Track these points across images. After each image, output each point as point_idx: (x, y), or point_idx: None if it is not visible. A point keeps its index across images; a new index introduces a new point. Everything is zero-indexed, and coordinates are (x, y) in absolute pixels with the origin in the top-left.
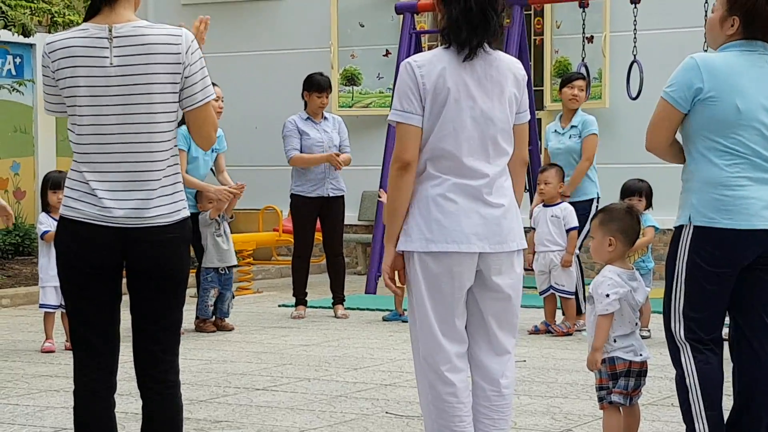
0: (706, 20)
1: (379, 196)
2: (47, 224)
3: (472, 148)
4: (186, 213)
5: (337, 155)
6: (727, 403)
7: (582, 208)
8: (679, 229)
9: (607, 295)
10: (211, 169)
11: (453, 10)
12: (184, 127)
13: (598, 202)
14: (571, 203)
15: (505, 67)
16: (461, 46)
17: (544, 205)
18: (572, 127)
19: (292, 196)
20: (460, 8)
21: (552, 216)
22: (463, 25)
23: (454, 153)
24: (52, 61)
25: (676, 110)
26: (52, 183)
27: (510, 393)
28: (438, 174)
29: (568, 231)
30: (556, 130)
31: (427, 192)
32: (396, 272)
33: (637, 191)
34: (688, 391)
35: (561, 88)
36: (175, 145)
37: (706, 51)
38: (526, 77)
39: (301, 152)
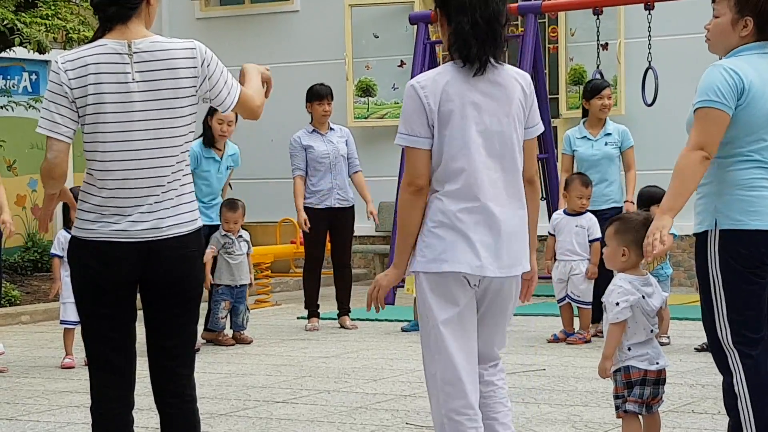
0: (709, 26)
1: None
2: (57, 248)
3: (484, 164)
4: (200, 223)
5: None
6: None
7: (609, 215)
8: (703, 236)
9: (617, 304)
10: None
11: (462, 25)
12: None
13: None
14: (600, 211)
15: (512, 79)
16: (471, 61)
17: (568, 214)
18: (607, 134)
19: (303, 208)
20: (469, 23)
21: (577, 226)
22: (472, 39)
23: (466, 170)
24: (71, 79)
25: (726, 114)
26: (76, 199)
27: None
28: (452, 194)
29: (591, 242)
30: (586, 137)
31: (441, 214)
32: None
33: (660, 199)
34: (736, 397)
35: (589, 98)
36: (188, 156)
37: (720, 57)
38: (533, 89)
39: (306, 167)
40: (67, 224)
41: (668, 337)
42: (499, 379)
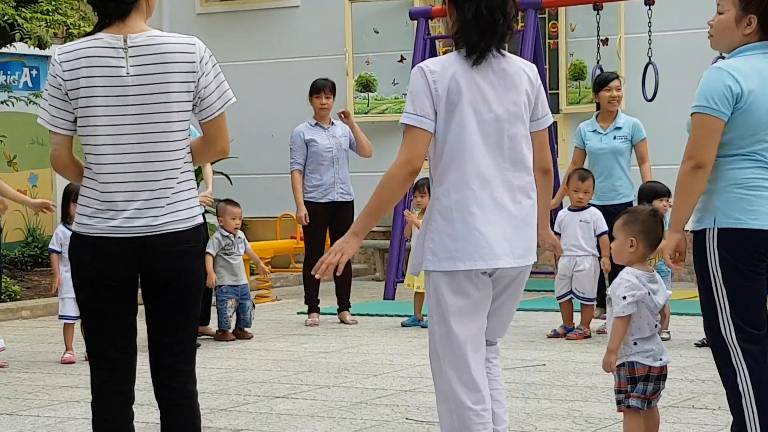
0: (713, 22)
1: (405, 216)
2: (56, 243)
3: (491, 155)
4: (200, 219)
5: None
6: None
7: (617, 210)
8: (702, 233)
9: (624, 297)
10: None
11: (465, 14)
12: None
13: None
14: (609, 206)
15: (519, 69)
16: (471, 50)
17: (571, 210)
18: (617, 128)
19: (304, 203)
20: (472, 12)
21: (581, 221)
22: (473, 29)
23: (473, 160)
24: (65, 71)
25: (720, 120)
26: (75, 194)
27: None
28: (457, 184)
29: (599, 235)
30: (596, 130)
31: (450, 205)
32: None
33: (663, 193)
34: (741, 396)
35: (597, 90)
36: (189, 152)
37: (720, 53)
38: (540, 80)
39: (306, 162)
40: (66, 219)
41: (669, 333)
42: (494, 357)
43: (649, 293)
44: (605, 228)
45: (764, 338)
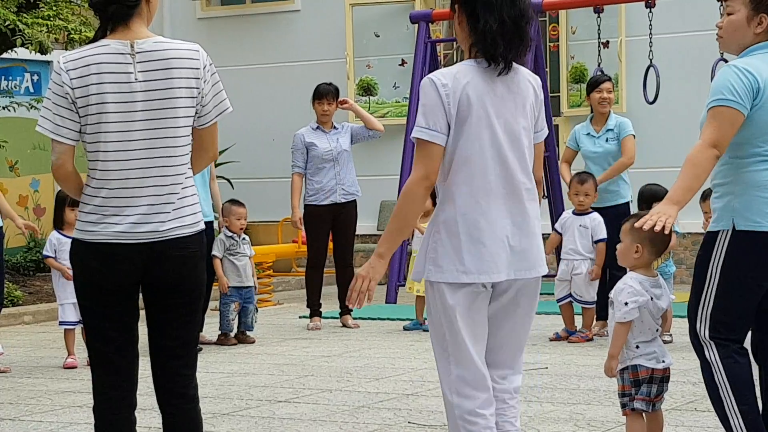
0: (722, 23)
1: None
2: (49, 249)
3: (500, 167)
4: (202, 224)
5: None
6: None
7: (616, 212)
8: (714, 234)
9: (626, 303)
10: None
11: (488, 23)
12: None
13: (630, 205)
14: (605, 207)
15: (526, 81)
16: (496, 60)
17: (575, 213)
18: (608, 130)
19: (306, 206)
20: (497, 21)
21: (580, 225)
22: (499, 38)
23: (482, 173)
24: (72, 79)
25: (743, 114)
26: (71, 200)
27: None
28: (466, 197)
29: (596, 242)
30: (589, 134)
31: (456, 217)
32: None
33: (663, 197)
34: (717, 387)
35: (588, 93)
36: (190, 159)
37: (722, 55)
38: (543, 92)
39: (307, 165)
40: (59, 225)
41: (671, 335)
42: (510, 397)
43: (651, 298)
44: (603, 235)
45: (739, 341)
